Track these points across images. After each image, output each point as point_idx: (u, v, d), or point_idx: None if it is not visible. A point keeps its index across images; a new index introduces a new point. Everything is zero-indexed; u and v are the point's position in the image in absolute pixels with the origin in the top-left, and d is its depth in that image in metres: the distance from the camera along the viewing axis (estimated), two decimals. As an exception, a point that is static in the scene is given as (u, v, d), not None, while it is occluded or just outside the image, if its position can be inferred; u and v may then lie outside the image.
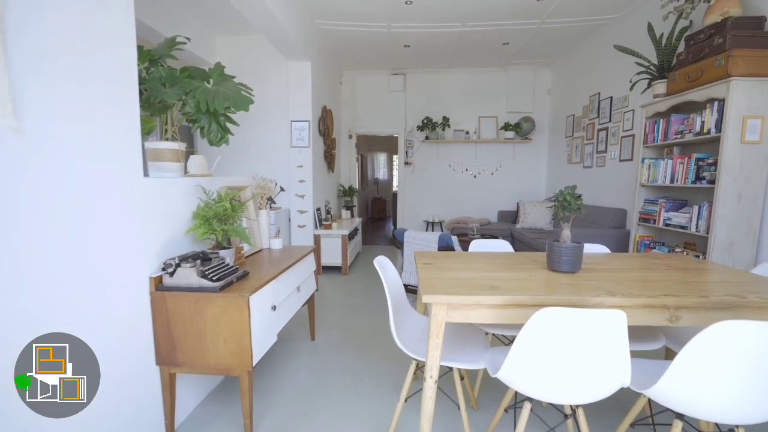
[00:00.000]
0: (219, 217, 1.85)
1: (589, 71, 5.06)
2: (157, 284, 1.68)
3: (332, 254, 4.74)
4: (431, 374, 1.43)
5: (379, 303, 3.73)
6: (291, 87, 4.36)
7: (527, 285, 1.50)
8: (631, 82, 3.46)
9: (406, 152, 6.77)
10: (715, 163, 2.73)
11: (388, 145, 12.14)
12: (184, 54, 3.89)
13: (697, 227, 2.83)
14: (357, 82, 6.62)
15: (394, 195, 11.13)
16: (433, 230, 6.73)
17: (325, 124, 5.12)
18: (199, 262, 1.77)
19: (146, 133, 1.88)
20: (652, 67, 3.22)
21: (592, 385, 1.18)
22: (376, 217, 11.47)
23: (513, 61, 5.92)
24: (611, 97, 4.46)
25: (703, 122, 2.79)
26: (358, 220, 5.89)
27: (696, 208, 2.85)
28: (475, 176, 6.72)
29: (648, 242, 3.38)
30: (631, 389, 1.26)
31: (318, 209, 4.82)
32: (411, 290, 3.39)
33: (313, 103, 4.51)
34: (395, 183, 12.85)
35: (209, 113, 1.81)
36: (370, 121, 6.74)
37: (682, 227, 2.96)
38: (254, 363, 1.68)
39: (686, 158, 2.94)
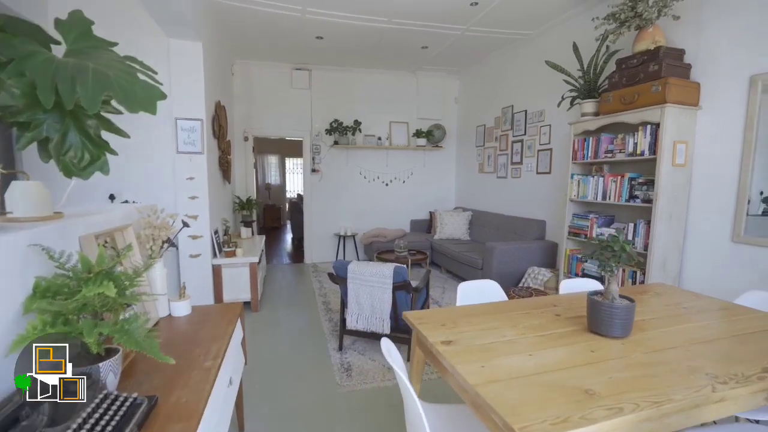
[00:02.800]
0: (94, 311, 0.97)
1: (498, 83, 5.17)
2: (-61, 492, 0.75)
3: (238, 288, 3.76)
4: None
5: (308, 345, 3.02)
6: (175, 75, 3.23)
7: (615, 376, 1.10)
8: (563, 98, 3.51)
9: (313, 158, 6.03)
10: (646, 183, 2.87)
11: (280, 146, 11.05)
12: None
13: (633, 244, 2.94)
14: (252, 74, 5.59)
15: (291, 203, 10.15)
16: (345, 244, 6.16)
17: (219, 124, 4.07)
18: (46, 411, 0.88)
19: None
20: (583, 88, 3.28)
21: None
22: (269, 227, 10.28)
23: (425, 67, 5.75)
24: (526, 111, 4.58)
25: (636, 144, 2.90)
26: (260, 239, 4.92)
27: (631, 225, 2.97)
28: (386, 184, 6.38)
29: (580, 256, 3.48)
30: None
31: (216, 232, 3.78)
32: (360, 334, 2.80)
33: (207, 98, 3.47)
34: (288, 188, 11.83)
35: (62, 111, 0.91)
36: (269, 122, 5.79)
37: (617, 243, 3.07)
38: None
39: (619, 177, 3.05)
